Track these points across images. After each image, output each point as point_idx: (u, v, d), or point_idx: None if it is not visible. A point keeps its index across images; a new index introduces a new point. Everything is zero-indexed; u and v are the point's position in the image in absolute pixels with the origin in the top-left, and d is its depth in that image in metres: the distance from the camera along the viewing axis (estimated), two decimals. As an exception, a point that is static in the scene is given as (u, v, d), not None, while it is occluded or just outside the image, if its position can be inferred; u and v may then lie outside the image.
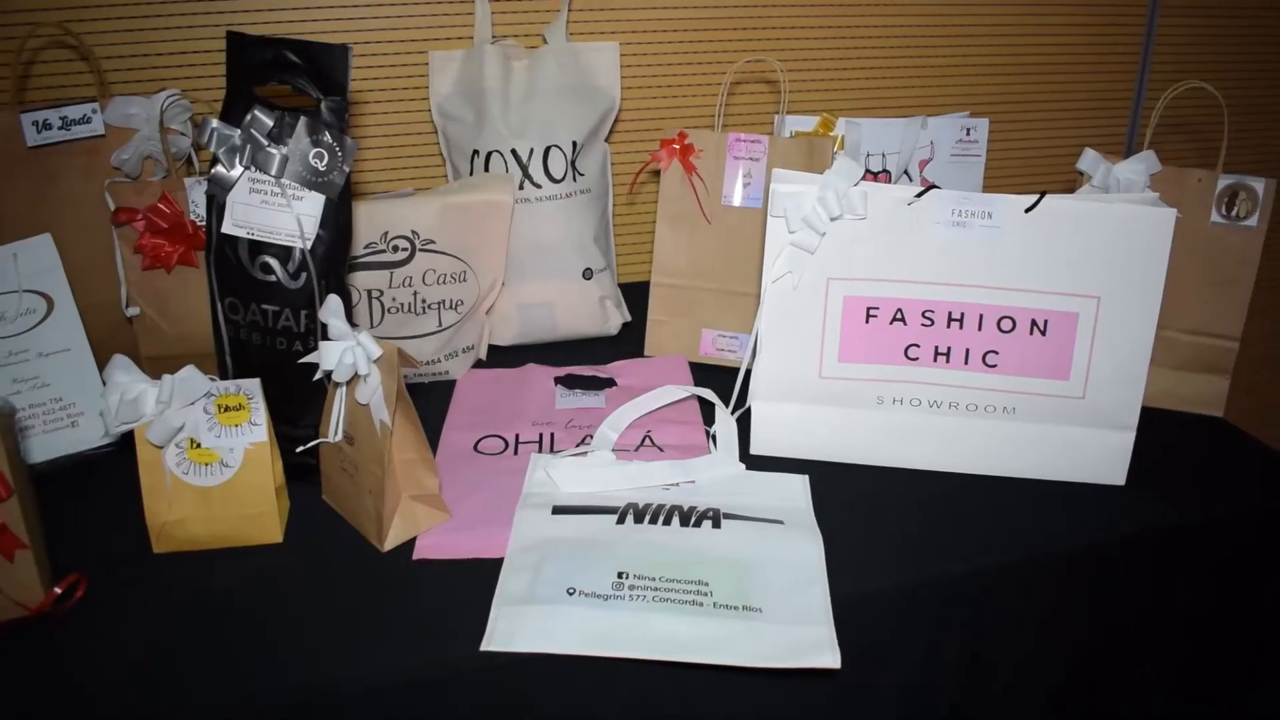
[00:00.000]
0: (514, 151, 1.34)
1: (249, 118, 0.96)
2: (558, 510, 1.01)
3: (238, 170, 0.97)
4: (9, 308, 1.12)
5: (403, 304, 1.26)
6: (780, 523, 0.99)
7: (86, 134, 1.22)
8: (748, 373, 1.13)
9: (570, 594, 0.89)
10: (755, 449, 1.14)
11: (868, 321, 1.09)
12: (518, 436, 1.17)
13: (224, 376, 1.04)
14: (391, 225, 1.23)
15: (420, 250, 1.25)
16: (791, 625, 0.86)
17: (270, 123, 0.96)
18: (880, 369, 1.10)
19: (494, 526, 0.99)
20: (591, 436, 1.14)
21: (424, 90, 1.44)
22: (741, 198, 1.30)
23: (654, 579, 0.91)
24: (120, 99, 1.21)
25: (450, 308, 1.29)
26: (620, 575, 0.91)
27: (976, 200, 1.06)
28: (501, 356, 1.39)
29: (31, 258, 1.14)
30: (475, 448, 1.14)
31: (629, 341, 1.42)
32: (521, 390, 1.28)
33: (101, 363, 1.11)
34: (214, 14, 1.36)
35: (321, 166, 0.97)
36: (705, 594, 0.90)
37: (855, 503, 1.05)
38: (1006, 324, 1.07)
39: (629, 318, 1.46)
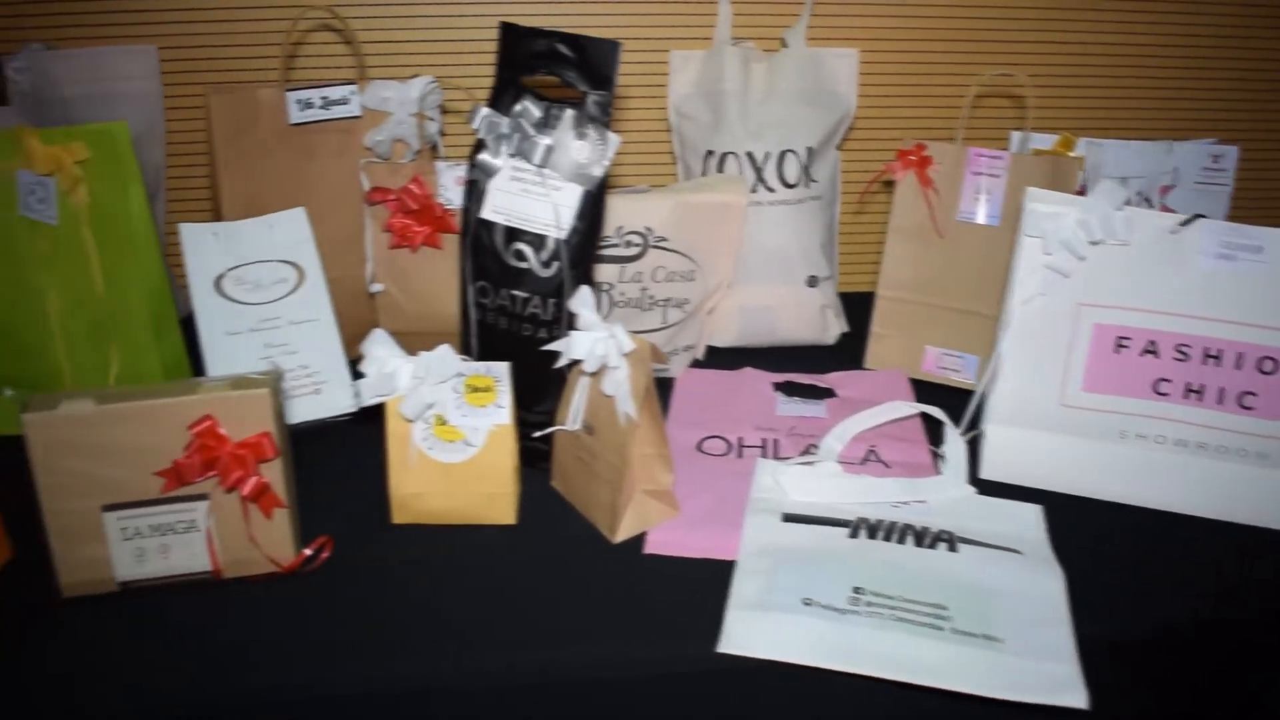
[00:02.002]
0: (749, 154, 1.34)
1: (519, 107, 0.98)
2: (788, 518, 1.00)
3: (503, 157, 0.99)
4: (264, 276, 1.17)
5: (630, 299, 1.26)
6: (1018, 553, 0.96)
7: (343, 114, 1.27)
8: (979, 394, 1.10)
9: (806, 604, 0.88)
10: (986, 473, 1.11)
11: (1117, 351, 1.05)
12: (740, 440, 1.16)
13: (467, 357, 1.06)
14: (625, 220, 1.24)
15: (652, 246, 1.25)
16: (1036, 660, 0.84)
17: (539, 113, 0.98)
18: (1126, 402, 1.06)
19: (723, 528, 0.99)
20: (815, 446, 1.13)
21: (658, 88, 1.45)
22: (979, 214, 1.27)
23: (891, 597, 0.89)
24: (377, 83, 1.25)
25: (676, 306, 1.29)
26: (856, 590, 0.90)
27: (1247, 234, 1.01)
28: (717, 357, 1.39)
29: (287, 229, 1.19)
30: (699, 447, 1.14)
31: (845, 352, 1.41)
32: (740, 393, 1.28)
33: (343, 334, 1.15)
34: (468, 4, 1.39)
35: (583, 159, 0.98)
36: (944, 618, 0.87)
37: (1089, 538, 1.01)
38: (1268, 365, 1.02)
39: (847, 328, 1.44)
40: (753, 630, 0.86)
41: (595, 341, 0.93)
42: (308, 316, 1.17)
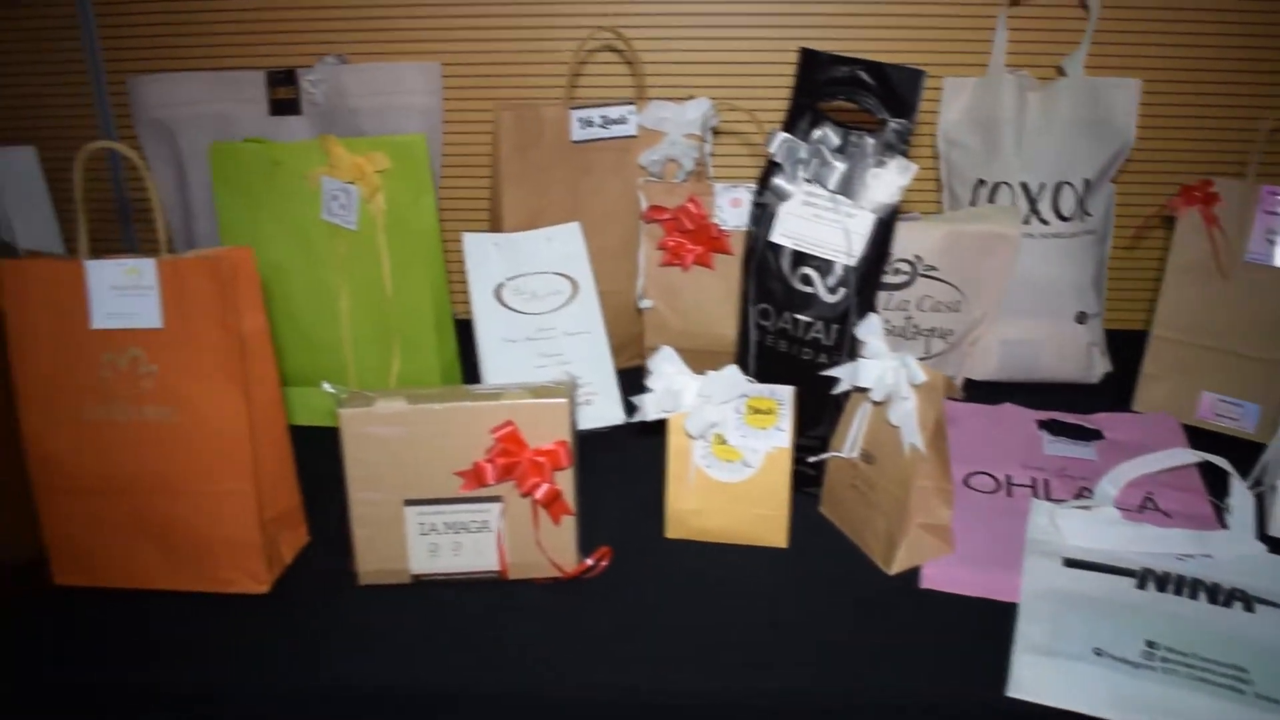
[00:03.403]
0: (1024, 185, 1.31)
1: (819, 133, 0.98)
2: (1070, 563, 0.97)
3: (797, 182, 1.00)
4: (540, 287, 1.21)
5: (894, 327, 1.25)
6: (1321, 618, 0.91)
7: (621, 134, 1.30)
8: (1272, 446, 1.04)
9: (1097, 654, 0.85)
10: (1277, 531, 1.05)
11: None
12: (1009, 478, 1.14)
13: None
14: (895, 247, 1.22)
15: (920, 275, 1.24)
16: (1353, 734, 0.79)
17: (837, 139, 0.98)
18: None
19: (1000, 568, 0.97)
20: (1088, 489, 1.09)
21: (924, 114, 1.43)
22: (1273, 256, 1.20)
23: (1186, 655, 0.86)
24: (656, 103, 1.28)
25: (939, 336, 1.27)
26: (1150, 644, 0.86)
27: None
28: (973, 390, 1.36)
29: (563, 243, 1.23)
30: (965, 482, 1.12)
31: (1108, 392, 1.36)
32: (1002, 429, 1.24)
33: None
34: (745, 28, 1.41)
35: (878, 186, 0.98)
36: (1245, 681, 0.83)
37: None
38: None
39: (1111, 367, 1.39)
40: (1043, 677, 0.84)
41: (885, 370, 0.92)
42: (580, 328, 1.20)
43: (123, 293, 0.89)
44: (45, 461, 0.94)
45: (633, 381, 1.23)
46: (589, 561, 0.96)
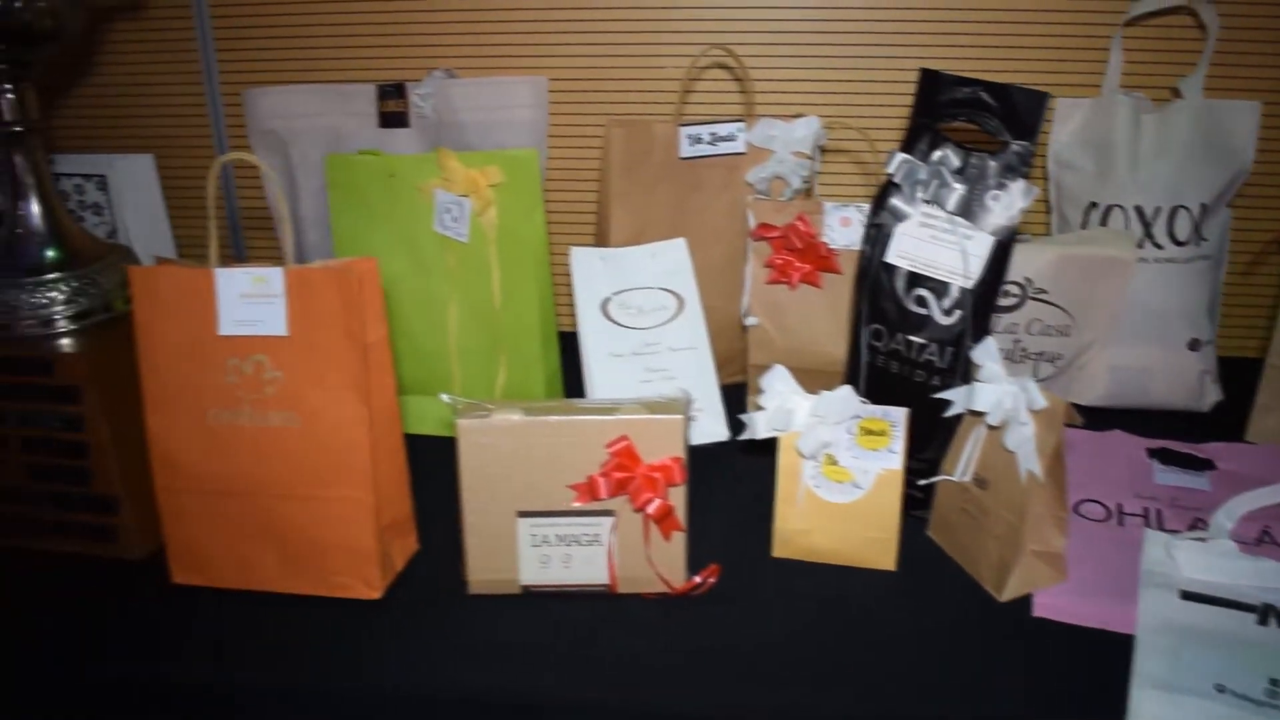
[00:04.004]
0: (1138, 208, 1.29)
1: (939, 154, 0.98)
2: (1187, 595, 0.95)
3: (915, 203, 0.99)
4: (646, 302, 1.22)
5: (1002, 350, 1.23)
6: None
7: (729, 150, 1.30)
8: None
9: (1219, 690, 0.83)
10: (1403, 568, 1.02)
11: None
12: (1120, 506, 1.11)
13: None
14: (1005, 269, 1.21)
15: (1030, 298, 1.22)
16: None
17: (958, 161, 0.98)
18: None
19: (1114, 599, 0.95)
20: (1202, 520, 1.07)
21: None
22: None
23: (1313, 695, 0.83)
24: (765, 120, 1.28)
25: (1048, 361, 1.25)
26: (1274, 682, 0.84)
27: None
28: (1080, 416, 1.33)
29: (668, 258, 1.23)
30: (1075, 510, 1.10)
31: (1219, 421, 1.32)
32: (1111, 456, 1.22)
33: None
34: (854, 45, 1.40)
35: (997, 208, 0.97)
36: (1379, 725, 0.81)
37: None
38: None
39: (1222, 395, 1.36)
40: (1164, 713, 0.82)
41: (1003, 394, 0.91)
42: (686, 344, 1.21)
43: (250, 300, 0.91)
44: (168, 463, 0.96)
45: (733, 398, 1.24)
46: (697, 579, 0.96)
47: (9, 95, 1.08)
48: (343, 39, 1.53)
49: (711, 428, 1.19)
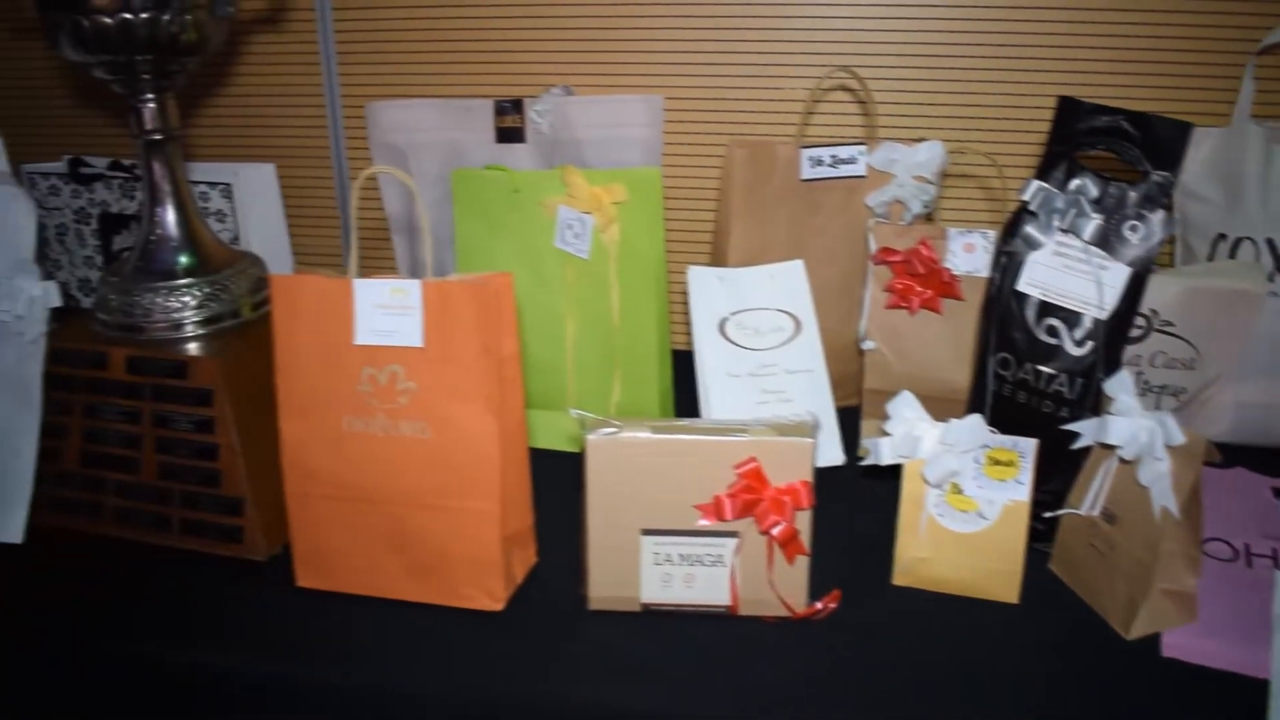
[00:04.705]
0: (1269, 241, 1.26)
1: (1078, 182, 0.97)
2: (1322, 640, 0.93)
3: (1051, 231, 0.98)
4: (763, 323, 1.21)
5: (1125, 382, 1.21)
6: None
7: (849, 173, 1.29)
8: None
9: (1360, 741, 0.81)
10: None
11: None
12: (1247, 546, 1.09)
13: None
14: (1131, 299, 1.19)
15: (1155, 330, 1.20)
16: None
17: (1096, 190, 0.96)
18: None
19: (1246, 642, 0.93)
20: (1335, 563, 1.04)
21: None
22: None
23: None
24: (887, 144, 1.27)
25: (1171, 394, 1.23)
26: None
27: None
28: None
29: (785, 280, 1.23)
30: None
31: (1349, 462, 1.29)
32: (1236, 495, 1.19)
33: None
34: (978, 70, 1.39)
35: (1135, 239, 0.95)
36: None
37: None
38: None
39: (1352, 436, 1.32)
40: (1303, 761, 0.80)
41: (1138, 429, 0.90)
42: (803, 367, 1.20)
43: (387, 311, 0.92)
44: (299, 468, 0.98)
45: (845, 422, 1.23)
46: (819, 605, 0.95)
47: (151, 104, 1.11)
48: (461, 54, 1.55)
49: (828, 451, 1.19)
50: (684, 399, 1.28)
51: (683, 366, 1.23)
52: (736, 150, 1.26)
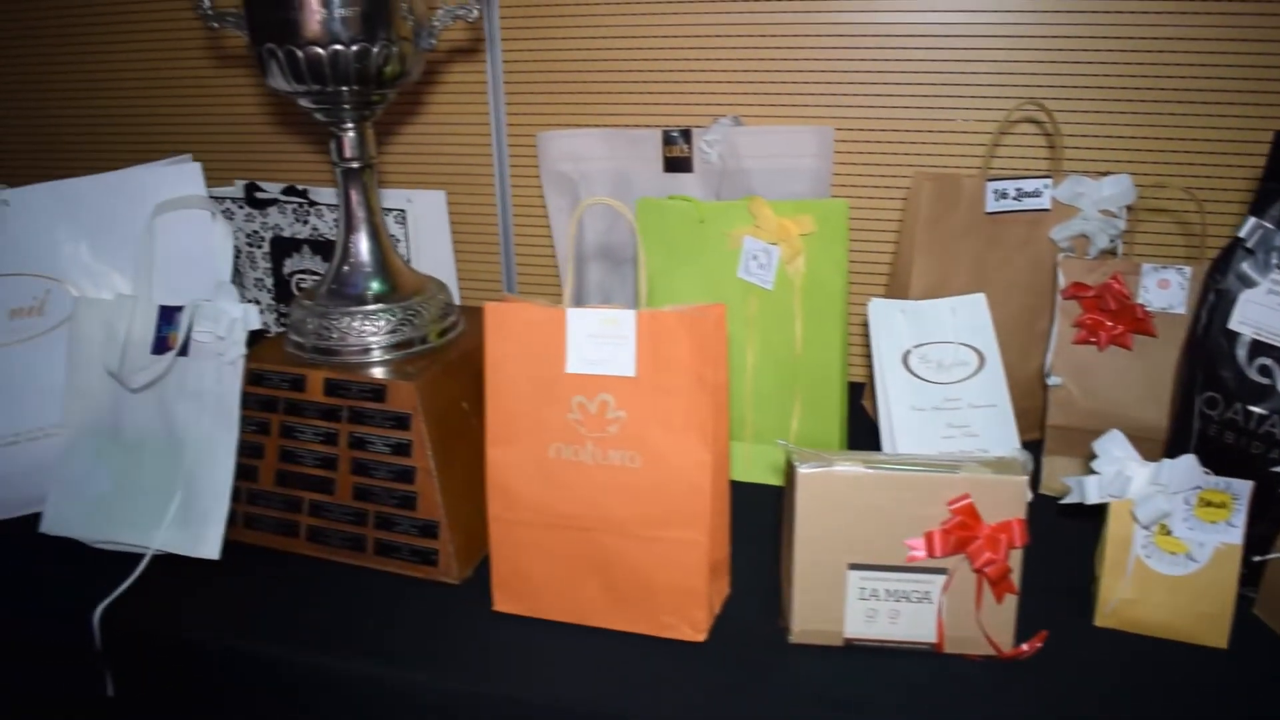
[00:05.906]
0: None
1: (1301, 221, 0.95)
2: None
3: (1268, 270, 0.96)
4: (946, 357, 1.20)
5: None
6: None
7: (1033, 206, 1.28)
8: None
9: None
10: None
11: None
12: None
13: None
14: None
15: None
16: None
17: (1321, 229, 0.94)
18: None
19: None
20: None
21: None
22: None
23: None
24: (1073, 178, 1.26)
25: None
26: None
27: None
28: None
29: (967, 313, 1.22)
30: None
31: None
32: None
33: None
34: (1166, 102, 1.37)
35: (1360, 279, 0.93)
36: None
37: None
38: None
39: None
40: None
41: (1365, 475, 0.87)
42: (987, 401, 1.19)
43: (599, 340, 0.94)
44: (504, 493, 1.00)
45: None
46: (1024, 648, 0.94)
47: (351, 133, 1.15)
48: (627, 85, 1.57)
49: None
50: (853, 430, 1.28)
51: (853, 397, 1.23)
52: (924, 182, 1.26)
